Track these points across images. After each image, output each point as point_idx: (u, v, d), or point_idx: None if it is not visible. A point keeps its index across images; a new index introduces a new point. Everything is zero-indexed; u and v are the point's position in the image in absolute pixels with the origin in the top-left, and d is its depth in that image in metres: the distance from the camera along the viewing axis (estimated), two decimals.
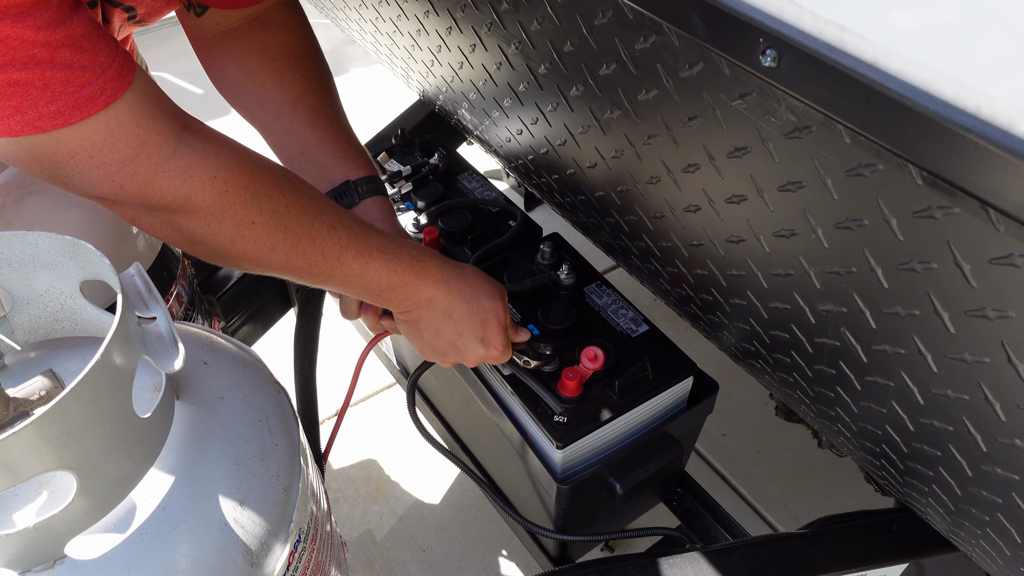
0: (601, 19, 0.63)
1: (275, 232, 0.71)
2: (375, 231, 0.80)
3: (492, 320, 0.88)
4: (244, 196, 0.69)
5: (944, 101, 0.40)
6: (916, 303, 0.54)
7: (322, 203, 0.76)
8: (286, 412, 0.72)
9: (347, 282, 0.79)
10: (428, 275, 0.83)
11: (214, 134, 0.70)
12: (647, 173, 0.75)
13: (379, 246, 0.79)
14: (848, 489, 1.52)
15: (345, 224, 0.76)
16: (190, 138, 0.67)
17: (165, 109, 0.66)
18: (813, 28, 0.44)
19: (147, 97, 0.64)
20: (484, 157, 2.09)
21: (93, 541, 0.56)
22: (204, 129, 0.70)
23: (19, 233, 0.60)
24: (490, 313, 0.88)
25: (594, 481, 0.96)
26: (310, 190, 0.76)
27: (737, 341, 0.88)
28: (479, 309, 0.87)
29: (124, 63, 0.62)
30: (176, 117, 0.67)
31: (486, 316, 0.88)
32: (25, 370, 0.64)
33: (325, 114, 0.94)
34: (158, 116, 0.65)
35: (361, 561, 1.45)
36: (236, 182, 0.68)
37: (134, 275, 0.61)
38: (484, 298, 0.88)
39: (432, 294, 0.84)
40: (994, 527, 0.68)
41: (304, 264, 0.75)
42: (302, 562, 0.68)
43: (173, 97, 0.70)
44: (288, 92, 0.93)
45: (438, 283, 0.84)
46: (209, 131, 0.70)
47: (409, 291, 0.83)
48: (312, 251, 0.74)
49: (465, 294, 0.86)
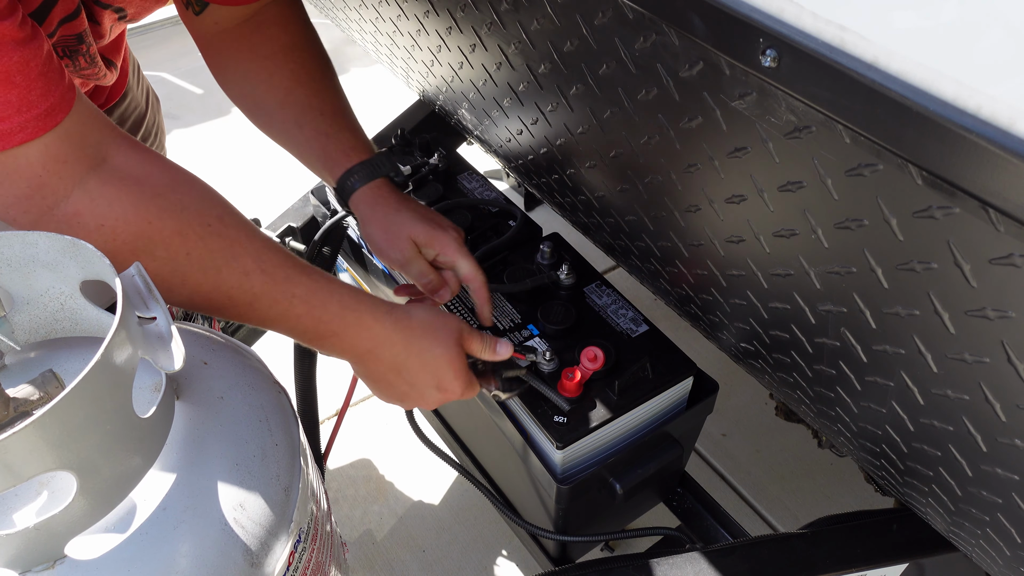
0: (601, 19, 0.63)
1: (171, 279, 0.70)
2: (307, 276, 0.75)
3: (446, 368, 0.83)
4: (134, 245, 0.68)
5: (944, 101, 0.40)
6: (916, 303, 0.54)
7: (242, 247, 0.73)
8: (286, 412, 0.72)
9: (269, 326, 0.76)
10: (363, 326, 0.78)
11: (129, 175, 0.69)
12: (647, 173, 0.75)
13: (302, 294, 0.75)
14: (848, 489, 1.52)
15: (265, 270, 0.73)
16: (93, 182, 0.66)
17: (81, 149, 0.66)
18: (813, 28, 0.44)
19: (66, 139, 0.65)
20: (484, 157, 2.09)
21: (93, 541, 0.56)
22: (120, 169, 0.69)
23: (19, 233, 0.59)
24: (443, 361, 0.82)
25: (594, 481, 0.96)
26: (232, 232, 0.73)
27: (737, 341, 0.88)
28: (430, 360, 0.82)
29: (56, 103, 0.63)
30: (88, 159, 0.67)
31: (438, 365, 0.82)
32: (25, 370, 0.64)
33: (310, 107, 0.93)
34: (68, 159, 0.65)
35: (361, 561, 1.45)
36: (125, 231, 0.67)
37: (134, 275, 0.61)
38: (436, 347, 0.82)
39: (370, 347, 0.80)
40: (994, 527, 0.68)
41: (211, 307, 0.73)
42: (302, 562, 0.68)
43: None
44: (277, 90, 0.93)
45: (376, 336, 0.79)
46: (122, 172, 0.69)
47: (340, 342, 0.79)
48: (218, 297, 0.72)
49: (413, 347, 0.81)
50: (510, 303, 1.05)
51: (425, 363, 0.82)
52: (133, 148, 0.71)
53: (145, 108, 1.20)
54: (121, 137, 0.72)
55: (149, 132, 1.23)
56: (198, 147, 2.52)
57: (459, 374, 0.85)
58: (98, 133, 0.69)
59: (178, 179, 0.73)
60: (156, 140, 1.26)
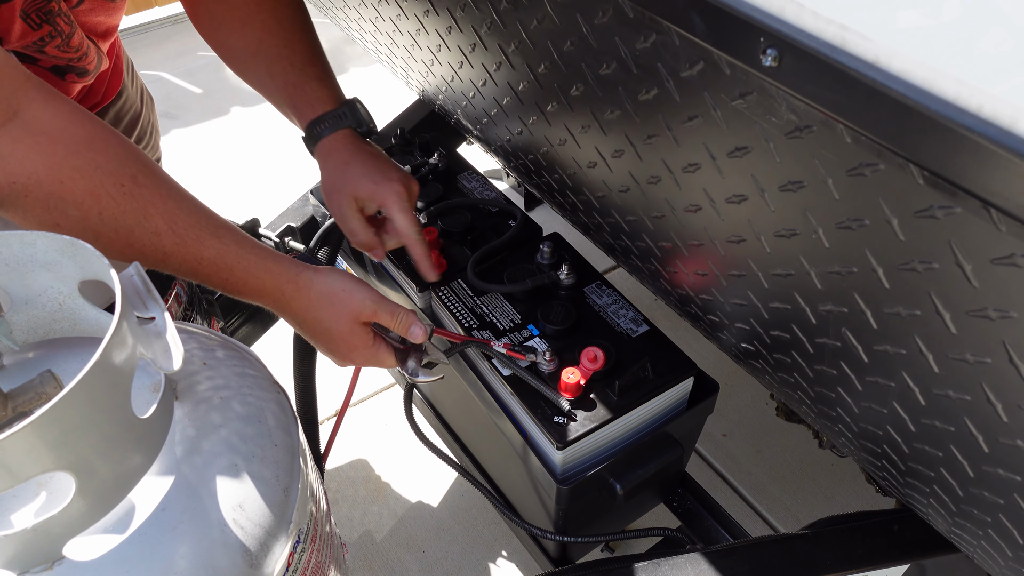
0: (601, 18, 0.62)
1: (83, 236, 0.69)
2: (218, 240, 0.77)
3: (339, 341, 0.86)
4: (46, 203, 0.69)
5: (945, 100, 0.39)
6: (917, 303, 0.54)
7: (155, 208, 0.74)
8: (286, 412, 0.72)
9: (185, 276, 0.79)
10: (265, 292, 0.81)
11: (42, 130, 0.69)
12: (648, 173, 0.75)
13: (211, 257, 0.77)
14: (849, 490, 1.52)
15: (175, 231, 0.74)
16: (3, 139, 0.66)
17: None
18: (814, 27, 0.44)
19: None
20: (484, 157, 2.09)
21: (92, 542, 0.56)
22: (33, 123, 0.68)
23: (17, 233, 0.59)
24: (336, 334, 0.85)
25: (594, 482, 0.96)
26: (146, 192, 0.73)
27: (737, 341, 0.88)
28: (324, 331, 0.85)
29: None
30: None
31: (330, 337, 0.86)
32: (23, 370, 0.64)
33: (280, 57, 0.93)
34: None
35: (361, 562, 1.45)
36: (37, 190, 0.68)
37: (133, 275, 0.61)
38: (329, 319, 0.84)
39: (276, 308, 0.83)
40: (996, 528, 0.67)
41: (123, 260, 0.73)
42: (301, 563, 0.68)
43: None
44: (249, 40, 0.93)
45: (279, 303, 0.83)
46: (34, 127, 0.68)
47: (249, 299, 0.82)
48: (130, 253, 0.74)
49: (308, 316, 0.84)
50: (510, 303, 1.05)
51: (322, 332, 0.85)
52: (48, 100, 0.71)
53: (140, 107, 1.20)
54: (36, 87, 0.70)
55: (144, 131, 1.23)
56: (197, 147, 2.52)
57: (356, 347, 0.86)
58: (10, 85, 0.68)
59: (95, 135, 0.72)
60: (151, 139, 1.26)
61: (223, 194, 2.30)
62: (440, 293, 1.07)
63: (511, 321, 1.03)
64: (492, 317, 1.04)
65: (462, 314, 1.05)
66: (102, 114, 1.10)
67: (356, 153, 0.96)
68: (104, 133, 0.74)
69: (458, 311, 1.05)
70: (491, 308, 1.05)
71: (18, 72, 0.70)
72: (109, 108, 1.11)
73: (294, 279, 0.83)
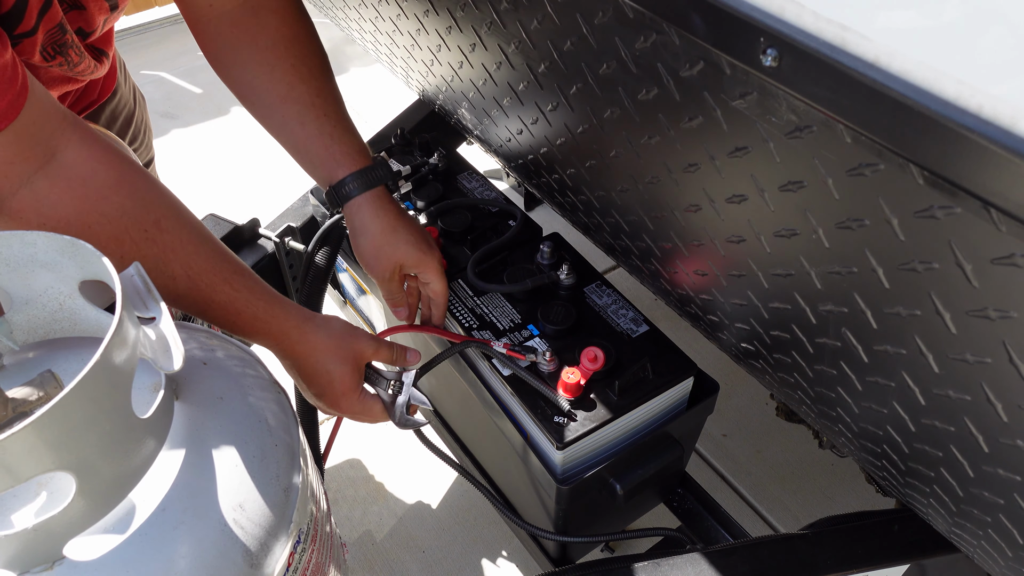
0: (601, 18, 0.62)
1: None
2: (230, 287, 0.80)
3: (334, 387, 0.88)
4: None
5: (946, 101, 0.39)
6: (917, 303, 0.54)
7: (174, 254, 0.77)
8: (286, 412, 0.72)
9: (193, 315, 0.82)
10: (271, 338, 0.84)
11: (76, 174, 0.71)
12: (647, 173, 0.75)
13: (221, 302, 0.80)
14: (849, 490, 1.52)
15: (191, 276, 0.78)
16: (41, 183, 0.69)
17: (31, 148, 0.68)
18: (814, 27, 0.44)
19: (15, 141, 0.67)
20: (484, 157, 2.09)
21: (92, 542, 0.56)
22: (68, 167, 0.71)
23: (17, 233, 0.59)
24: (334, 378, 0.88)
25: (594, 482, 0.96)
26: (167, 238, 0.76)
27: (737, 341, 0.88)
28: (321, 374, 0.88)
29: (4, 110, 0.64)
30: (37, 157, 0.69)
31: (321, 384, 0.88)
32: (24, 370, 0.64)
33: (313, 106, 0.93)
34: (16, 160, 0.67)
35: (361, 561, 1.45)
36: (65, 231, 0.69)
37: (133, 275, 0.61)
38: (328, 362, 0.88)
39: (279, 354, 0.87)
40: (996, 528, 0.67)
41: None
42: (302, 563, 0.68)
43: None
44: (279, 84, 0.93)
45: (282, 350, 0.86)
46: (69, 170, 0.71)
47: (259, 341, 0.85)
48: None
49: (310, 360, 0.87)
50: (510, 303, 1.05)
51: (320, 374, 0.88)
52: (83, 142, 0.73)
53: (134, 106, 1.21)
54: (72, 127, 0.72)
55: (138, 130, 1.23)
56: (197, 147, 2.52)
57: (347, 391, 0.89)
58: (51, 127, 0.70)
59: (124, 177, 0.75)
60: (144, 138, 1.26)
61: (223, 194, 2.30)
62: None
63: (511, 321, 1.03)
64: (492, 317, 1.04)
65: (462, 314, 1.05)
66: (97, 113, 1.10)
67: (399, 217, 0.97)
68: (132, 175, 0.76)
69: (458, 311, 1.05)
70: (491, 308, 1.05)
71: (57, 112, 0.72)
72: (105, 106, 1.11)
73: (299, 325, 0.86)
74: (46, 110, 0.70)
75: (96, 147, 0.74)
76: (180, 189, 1.73)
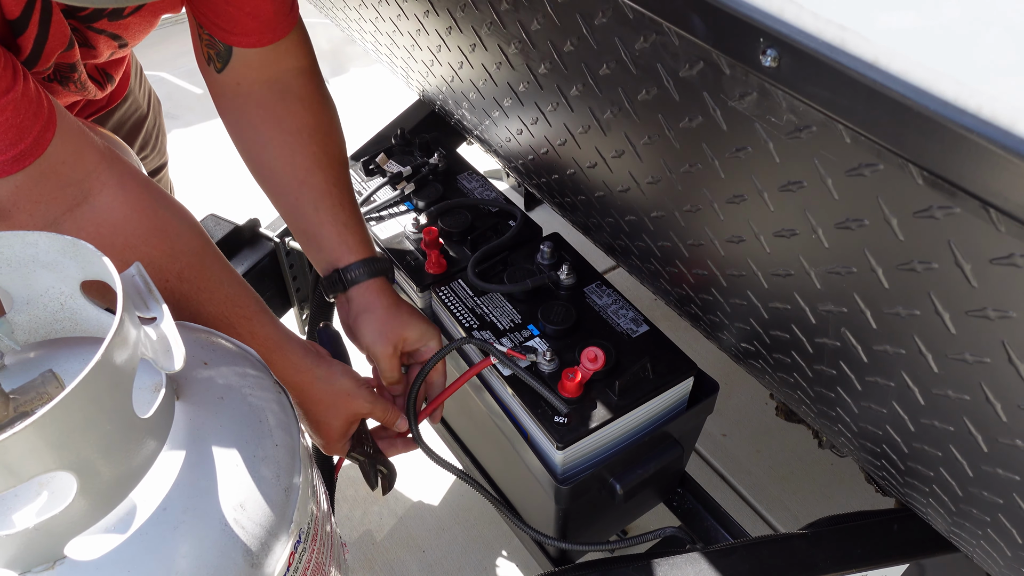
0: (601, 19, 0.63)
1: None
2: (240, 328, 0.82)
3: (329, 434, 0.92)
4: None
5: (945, 101, 0.40)
6: (917, 303, 0.54)
7: (187, 303, 0.78)
8: (286, 412, 0.72)
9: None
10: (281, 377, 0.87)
11: (106, 221, 0.71)
12: (647, 173, 0.75)
13: (248, 330, 0.82)
14: (848, 489, 1.52)
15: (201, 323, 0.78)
16: (67, 225, 0.69)
17: (60, 189, 0.67)
18: (814, 28, 0.44)
19: (42, 180, 0.66)
20: (484, 157, 2.09)
21: (93, 542, 0.56)
22: (99, 212, 0.71)
23: (19, 233, 0.59)
24: (333, 428, 0.92)
25: (594, 481, 0.96)
26: (185, 288, 0.77)
27: (737, 341, 0.88)
28: (320, 424, 0.92)
29: (28, 148, 0.64)
30: (66, 200, 0.68)
31: (329, 430, 0.92)
32: (25, 370, 0.64)
33: (328, 194, 0.95)
34: (42, 200, 0.67)
35: (361, 561, 1.45)
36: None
37: (134, 275, 0.61)
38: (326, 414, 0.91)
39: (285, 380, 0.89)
40: (995, 528, 0.68)
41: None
42: (302, 563, 0.68)
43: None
44: (298, 169, 0.94)
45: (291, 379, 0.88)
46: (101, 216, 0.71)
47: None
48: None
49: (313, 409, 0.90)
50: (510, 303, 1.05)
51: (319, 423, 0.93)
52: (121, 187, 0.72)
53: (147, 110, 1.20)
54: (109, 168, 0.71)
55: (150, 135, 1.23)
56: (198, 147, 2.52)
57: (339, 438, 0.94)
58: (84, 168, 0.69)
59: (156, 228, 0.75)
60: (157, 143, 1.26)
61: (223, 194, 2.29)
62: (440, 293, 1.07)
63: (511, 321, 1.03)
64: (492, 317, 1.04)
65: (462, 314, 1.05)
66: (104, 118, 1.10)
67: (400, 299, 1.00)
68: (165, 222, 0.76)
69: (458, 311, 1.05)
70: (491, 308, 1.05)
71: (93, 151, 0.71)
72: (113, 112, 1.11)
73: (303, 375, 0.88)
74: (79, 149, 0.69)
75: (133, 192, 0.73)
76: (180, 189, 1.73)
